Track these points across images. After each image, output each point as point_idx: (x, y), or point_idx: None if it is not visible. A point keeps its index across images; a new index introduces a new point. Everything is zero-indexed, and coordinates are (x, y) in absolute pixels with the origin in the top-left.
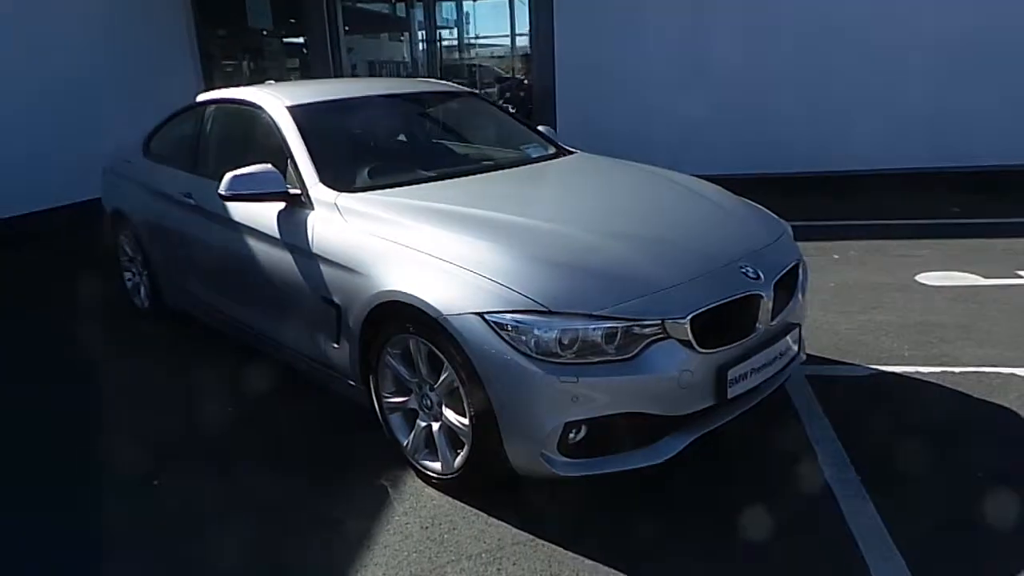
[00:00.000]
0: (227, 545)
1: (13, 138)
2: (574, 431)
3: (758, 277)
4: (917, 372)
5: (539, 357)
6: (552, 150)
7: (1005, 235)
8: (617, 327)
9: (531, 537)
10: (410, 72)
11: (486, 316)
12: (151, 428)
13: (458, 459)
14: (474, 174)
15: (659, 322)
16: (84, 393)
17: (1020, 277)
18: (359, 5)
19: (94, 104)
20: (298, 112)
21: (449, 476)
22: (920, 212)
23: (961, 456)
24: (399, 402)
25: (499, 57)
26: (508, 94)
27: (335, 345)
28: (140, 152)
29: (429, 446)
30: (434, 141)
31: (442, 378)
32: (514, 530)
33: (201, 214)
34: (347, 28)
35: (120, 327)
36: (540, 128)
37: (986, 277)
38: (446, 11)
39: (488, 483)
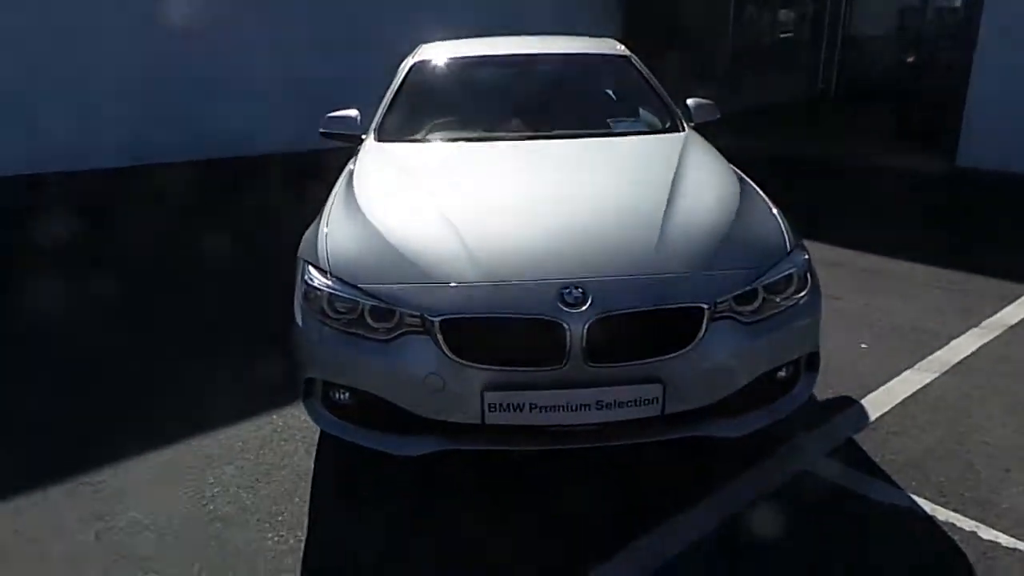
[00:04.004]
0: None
1: None
2: (338, 392)
3: (575, 304)
4: (973, 530)
5: (314, 313)
6: (668, 124)
7: None
8: (382, 307)
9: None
10: None
11: (303, 261)
12: None
13: None
14: (528, 139)
15: (419, 315)
16: None
17: None
18: None
19: None
20: (416, 67)
21: None
22: None
23: None
24: None
25: None
26: None
27: None
28: None
29: None
30: (530, 102)
31: None
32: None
33: None
34: None
35: None
36: (689, 101)
37: None
38: None
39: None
